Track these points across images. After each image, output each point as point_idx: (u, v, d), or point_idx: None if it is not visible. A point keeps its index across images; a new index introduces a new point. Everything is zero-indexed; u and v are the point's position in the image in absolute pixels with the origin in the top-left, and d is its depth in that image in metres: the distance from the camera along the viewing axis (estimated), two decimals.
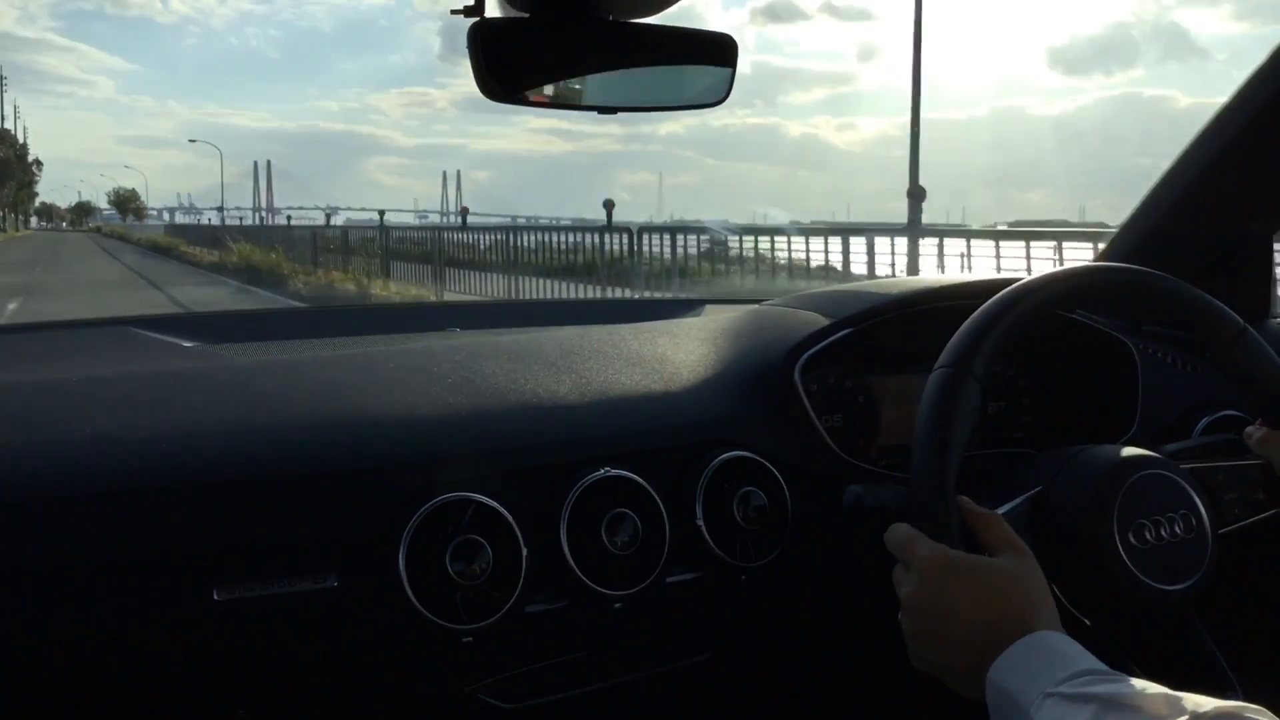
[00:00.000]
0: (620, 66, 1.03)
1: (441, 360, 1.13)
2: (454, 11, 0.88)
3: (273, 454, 0.93)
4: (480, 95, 0.92)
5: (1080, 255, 8.31)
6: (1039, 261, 9.52)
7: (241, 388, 1.06)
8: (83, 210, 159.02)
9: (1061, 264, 1.46)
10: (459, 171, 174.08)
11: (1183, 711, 0.67)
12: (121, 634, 0.85)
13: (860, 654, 1.23)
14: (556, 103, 1.00)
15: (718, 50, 1.06)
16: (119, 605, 0.84)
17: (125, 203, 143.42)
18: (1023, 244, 10.61)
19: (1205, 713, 0.66)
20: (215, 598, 0.86)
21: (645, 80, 1.05)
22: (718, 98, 1.08)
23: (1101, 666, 0.76)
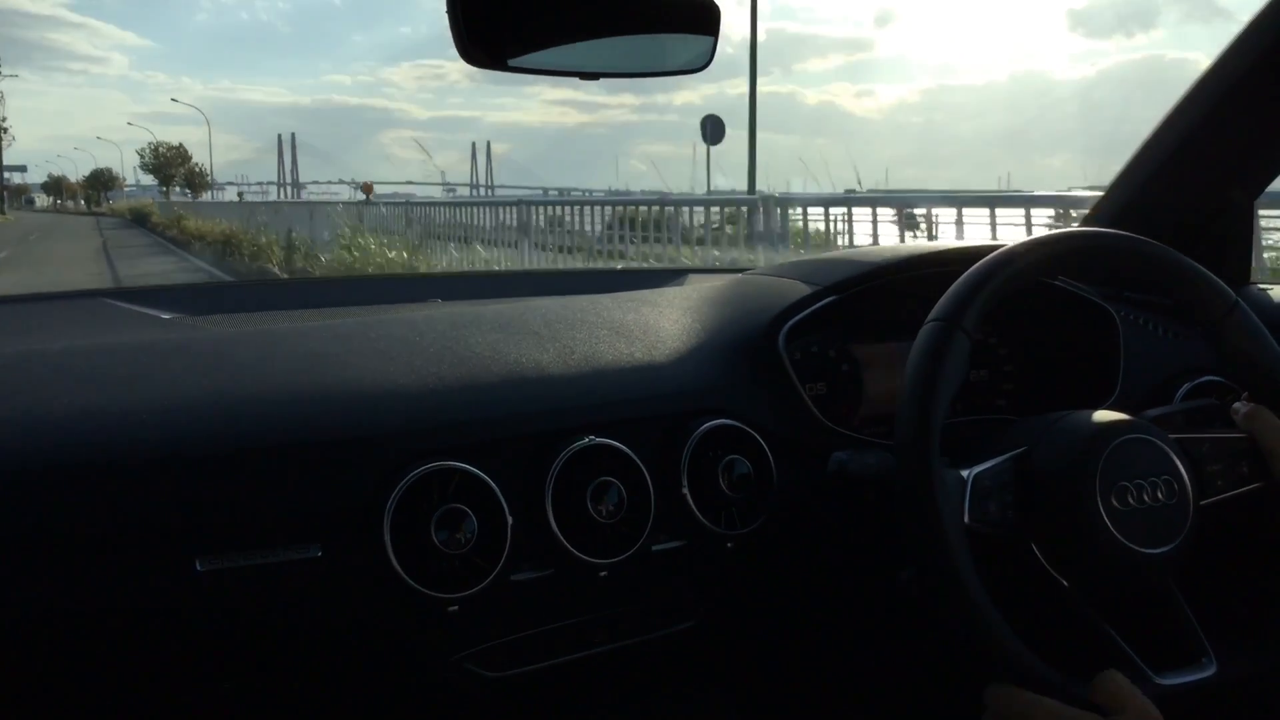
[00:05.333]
0: (603, 32, 1.02)
1: (424, 330, 1.12)
2: None
3: (254, 425, 0.92)
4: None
5: None
6: None
7: (222, 358, 1.05)
8: (101, 181, 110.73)
9: None
10: (489, 143, 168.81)
11: None
12: (104, 606, 0.84)
13: (844, 620, 1.24)
14: (538, 68, 0.99)
15: (701, 16, 1.05)
16: (101, 577, 0.84)
17: (168, 166, 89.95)
18: None
19: None
20: (198, 568, 0.85)
21: (628, 46, 1.03)
22: (701, 64, 1.08)
23: None
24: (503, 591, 0.94)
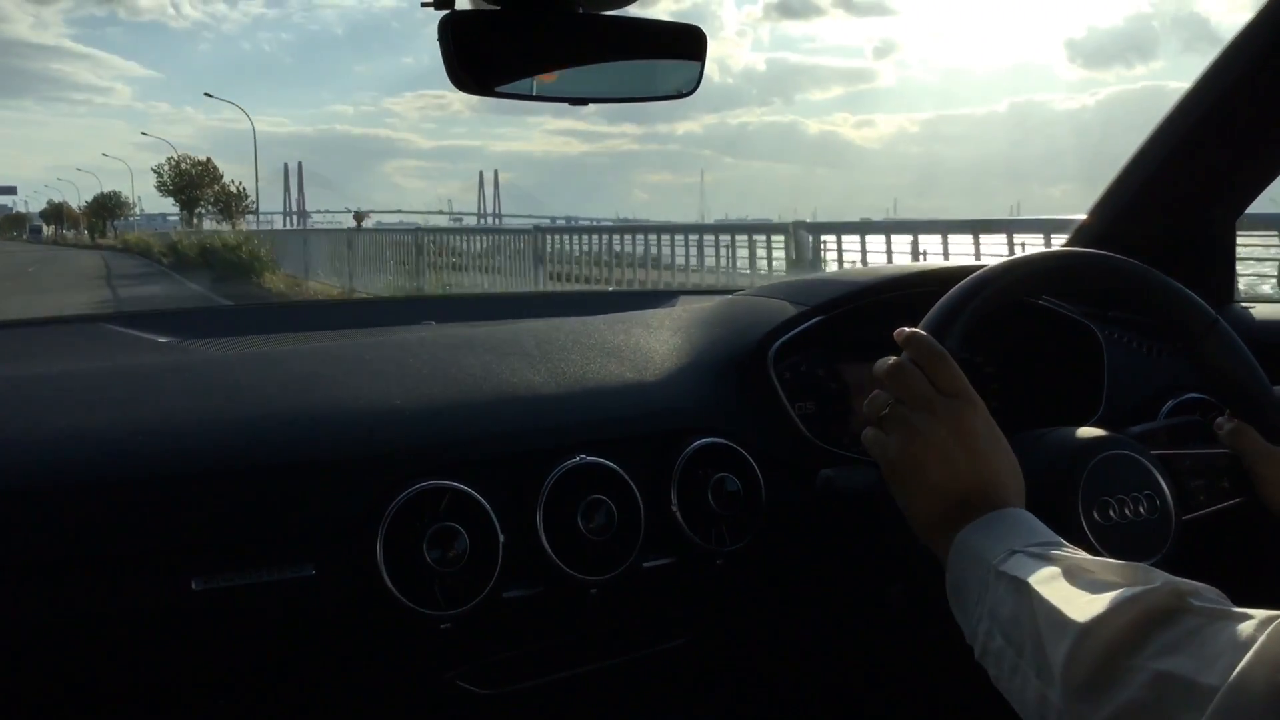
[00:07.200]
0: (591, 59, 1.04)
1: (418, 352, 1.14)
2: (424, 4, 0.89)
3: (249, 445, 0.94)
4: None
5: None
6: None
7: (218, 380, 1.07)
8: (104, 208, 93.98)
9: None
10: (496, 172, 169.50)
11: (1146, 581, 0.68)
12: (101, 624, 0.85)
13: (833, 636, 1.25)
14: (528, 94, 1.01)
15: (688, 42, 1.07)
16: (98, 596, 0.85)
17: (192, 186, 67.66)
18: None
19: (1157, 587, 0.67)
20: (193, 588, 0.86)
21: (617, 72, 1.05)
22: (689, 89, 1.09)
23: (1070, 545, 0.77)
24: (494, 609, 0.95)
